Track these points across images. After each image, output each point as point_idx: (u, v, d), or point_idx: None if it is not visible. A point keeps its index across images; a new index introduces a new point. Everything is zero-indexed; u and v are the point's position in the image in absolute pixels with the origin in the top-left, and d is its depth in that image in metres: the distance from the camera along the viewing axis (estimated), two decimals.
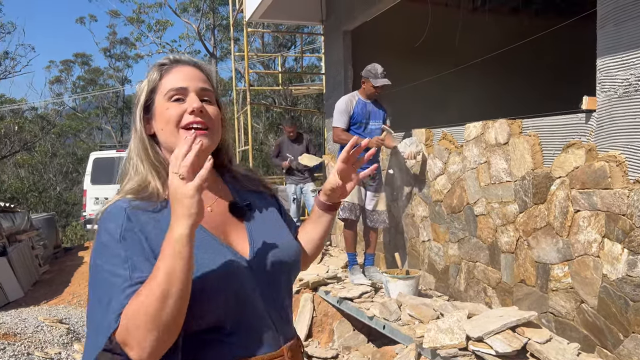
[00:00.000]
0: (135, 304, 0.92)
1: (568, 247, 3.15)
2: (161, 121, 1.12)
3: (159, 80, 1.14)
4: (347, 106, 4.45)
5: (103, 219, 1.06)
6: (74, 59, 32.02)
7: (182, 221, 0.93)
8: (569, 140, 3.14)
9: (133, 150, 1.15)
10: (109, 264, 0.99)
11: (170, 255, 0.92)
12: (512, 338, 2.64)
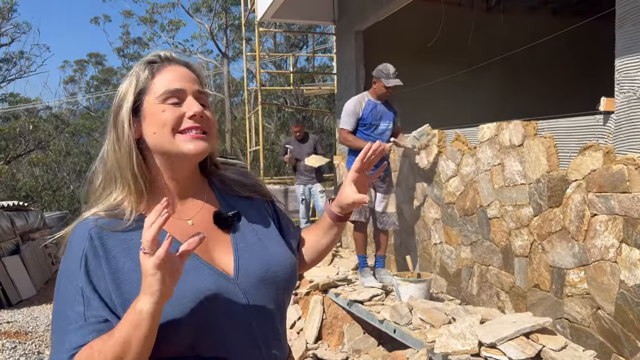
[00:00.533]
0: (90, 353, 0.89)
1: (584, 252, 3.07)
2: (154, 124, 1.03)
3: (151, 79, 1.04)
4: (356, 108, 4.39)
5: (69, 240, 1.00)
6: (88, 58, 32.37)
7: (146, 297, 0.86)
8: (586, 143, 3.07)
9: (111, 158, 1.04)
10: (66, 294, 0.96)
11: (130, 324, 0.86)
12: (526, 345, 2.58)
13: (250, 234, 1.12)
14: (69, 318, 0.93)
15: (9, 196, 22.26)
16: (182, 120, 1.03)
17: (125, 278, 0.95)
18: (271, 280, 1.07)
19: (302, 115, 21.72)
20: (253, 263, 1.07)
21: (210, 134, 1.06)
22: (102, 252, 0.96)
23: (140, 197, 1.03)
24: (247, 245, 1.09)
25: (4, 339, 4.46)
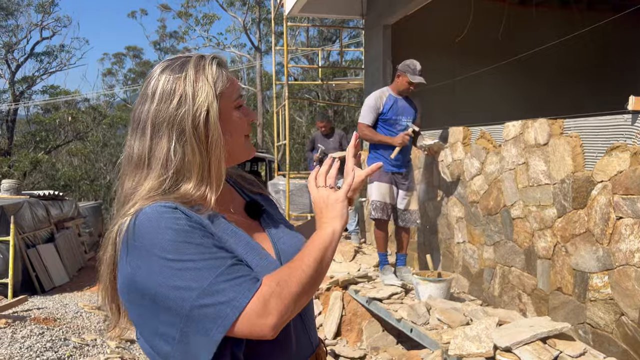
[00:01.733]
0: (285, 275, 0.92)
1: (608, 256, 2.97)
2: (231, 129, 1.05)
3: (228, 84, 1.04)
4: (377, 102, 4.34)
5: (149, 222, 0.91)
6: (126, 51, 33.01)
7: (335, 221, 1.03)
8: (613, 143, 2.96)
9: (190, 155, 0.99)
10: (189, 253, 0.88)
11: (322, 245, 0.99)
12: (542, 350, 2.52)
13: (275, 223, 1.18)
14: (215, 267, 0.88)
15: (49, 185, 23.02)
16: (247, 126, 1.10)
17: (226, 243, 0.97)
18: None
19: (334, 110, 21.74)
20: (289, 248, 1.12)
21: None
22: (199, 225, 0.93)
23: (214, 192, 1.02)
24: (278, 233, 1.15)
25: (32, 325, 4.63)
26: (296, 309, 0.93)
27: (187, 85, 1.01)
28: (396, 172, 4.46)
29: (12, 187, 8.75)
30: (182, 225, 0.91)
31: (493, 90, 6.45)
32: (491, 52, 6.06)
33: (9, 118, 24.14)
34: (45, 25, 25.10)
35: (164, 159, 1.00)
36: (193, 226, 0.92)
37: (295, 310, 0.93)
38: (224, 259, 0.90)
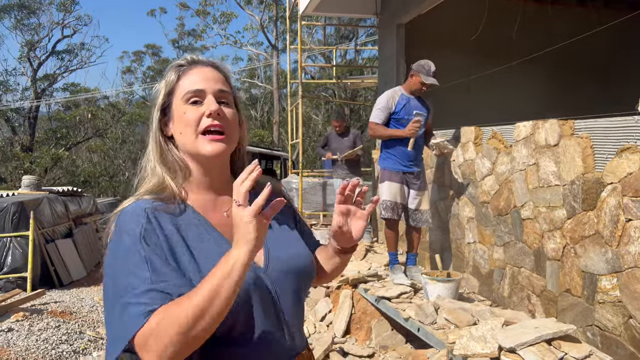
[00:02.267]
0: (166, 316, 0.91)
1: (617, 258, 2.95)
2: (180, 125, 1.11)
3: (176, 81, 1.12)
4: (389, 102, 4.35)
5: (122, 219, 1.04)
6: (145, 49, 33.42)
7: (240, 246, 0.92)
8: (623, 144, 2.94)
9: (151, 152, 1.14)
10: (129, 263, 0.97)
11: (221, 275, 0.91)
12: (546, 352, 2.51)
13: (277, 230, 1.19)
14: (133, 285, 0.94)
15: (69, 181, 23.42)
16: (202, 119, 1.08)
17: (181, 253, 1.02)
18: (296, 272, 1.15)
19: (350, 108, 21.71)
20: (280, 256, 1.14)
21: (229, 135, 1.11)
22: (159, 229, 1.02)
23: (179, 187, 1.10)
24: (275, 240, 1.16)
25: (49, 318, 4.74)
26: (187, 343, 0.91)
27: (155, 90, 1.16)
28: (407, 171, 4.46)
29: (32, 183, 8.94)
30: (133, 233, 1.00)
31: (508, 89, 6.40)
32: (506, 51, 6.02)
33: (31, 115, 24.63)
34: (67, 24, 25.56)
35: (147, 157, 1.13)
36: (140, 234, 1.00)
37: (185, 344, 0.91)
38: (145, 281, 0.95)
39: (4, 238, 7.12)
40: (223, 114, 1.10)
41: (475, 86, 6.20)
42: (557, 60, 5.86)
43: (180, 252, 1.02)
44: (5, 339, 4.18)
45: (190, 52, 32.54)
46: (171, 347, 0.90)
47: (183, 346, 0.91)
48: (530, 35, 6.22)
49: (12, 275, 6.83)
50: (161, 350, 0.90)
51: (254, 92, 31.63)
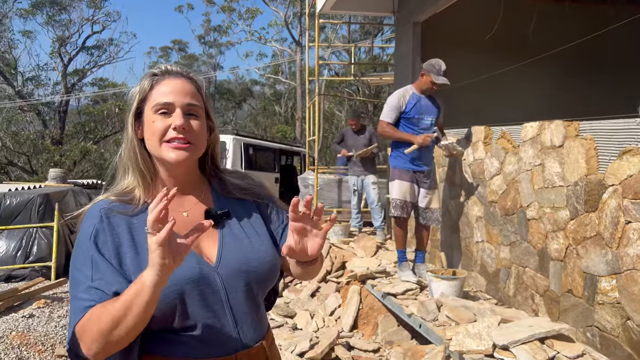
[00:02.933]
0: (94, 315, 1.03)
1: (617, 260, 2.96)
2: (148, 132, 1.19)
3: (149, 90, 1.20)
4: (399, 101, 4.38)
5: (84, 217, 1.18)
6: (172, 45, 33.89)
7: (150, 269, 0.99)
8: (625, 146, 2.94)
9: (124, 152, 1.22)
10: (79, 260, 1.12)
11: (134, 292, 1.00)
12: (538, 350, 2.55)
13: (238, 230, 1.25)
14: (79, 281, 1.09)
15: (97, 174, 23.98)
16: (168, 130, 1.17)
17: (125, 252, 1.13)
18: (247, 271, 1.20)
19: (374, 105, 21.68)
20: (234, 255, 1.20)
21: (195, 144, 1.19)
22: (109, 229, 1.14)
23: (147, 187, 1.21)
24: (233, 240, 1.23)
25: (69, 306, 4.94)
26: (109, 343, 1.02)
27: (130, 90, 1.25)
28: (418, 170, 4.50)
29: (59, 175, 9.23)
30: (87, 231, 1.14)
31: (524, 87, 6.37)
32: (521, 50, 5.99)
33: (61, 109, 25.26)
34: (96, 20, 26.10)
35: (120, 157, 1.23)
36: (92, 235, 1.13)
37: (106, 344, 1.02)
38: (87, 278, 1.08)
39: (31, 228, 7.40)
40: (189, 127, 1.17)
41: (491, 85, 6.17)
42: (574, 59, 5.80)
43: (124, 252, 1.12)
44: (26, 324, 4.39)
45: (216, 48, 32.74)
46: (95, 344, 1.03)
47: (105, 346, 1.03)
48: (547, 34, 6.17)
49: (37, 264, 7.09)
50: (88, 345, 1.04)
51: (278, 88, 31.83)
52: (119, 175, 1.24)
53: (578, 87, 6.46)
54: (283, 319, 4.94)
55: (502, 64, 5.82)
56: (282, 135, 24.21)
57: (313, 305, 5.21)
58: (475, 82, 5.90)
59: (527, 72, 5.86)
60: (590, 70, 6.49)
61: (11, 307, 4.96)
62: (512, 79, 6.05)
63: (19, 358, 3.78)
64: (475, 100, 6.30)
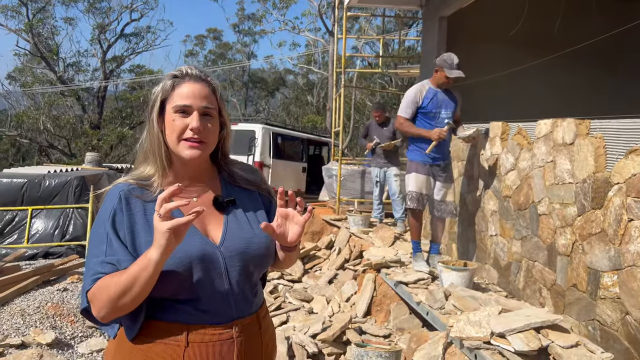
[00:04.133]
0: (103, 284, 1.22)
1: (619, 256, 3.04)
2: (168, 128, 1.36)
3: (170, 90, 1.36)
4: (416, 96, 4.48)
5: (106, 197, 1.36)
6: (207, 33, 34.37)
7: (155, 248, 1.17)
8: (632, 146, 3.00)
9: (146, 142, 1.38)
10: (96, 235, 1.31)
11: (140, 266, 1.18)
12: (533, 338, 2.67)
13: (242, 217, 1.44)
14: (94, 254, 1.28)
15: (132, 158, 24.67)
16: (186, 129, 1.35)
17: (139, 232, 1.31)
18: (248, 254, 1.39)
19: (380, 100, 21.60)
20: (236, 238, 1.39)
21: (208, 142, 1.37)
22: (126, 210, 1.32)
23: (164, 174, 1.39)
24: (236, 225, 1.41)
25: None
26: (118, 307, 1.21)
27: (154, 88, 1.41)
28: (434, 164, 4.61)
29: (95, 159, 9.65)
30: (107, 210, 1.32)
31: (549, 83, 6.36)
32: (546, 45, 5.98)
33: (100, 94, 26.05)
34: (135, 8, 26.72)
35: (141, 146, 1.40)
36: (111, 214, 1.31)
37: (114, 309, 1.21)
38: (102, 253, 1.27)
39: (67, 209, 7.80)
40: (204, 127, 1.34)
41: (517, 79, 6.19)
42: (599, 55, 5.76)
43: (138, 231, 1.30)
44: (60, 297, 4.72)
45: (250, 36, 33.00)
46: (104, 309, 1.22)
47: (113, 310, 1.22)
48: (572, 29, 6.13)
49: (72, 243, 7.49)
50: (98, 309, 1.23)
51: (311, 78, 31.96)
52: (139, 161, 1.41)
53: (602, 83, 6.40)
54: (300, 303, 5.14)
55: (527, 59, 5.83)
56: (312, 125, 24.38)
57: (330, 291, 5.39)
58: (500, 76, 5.93)
59: (552, 67, 5.86)
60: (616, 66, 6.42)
61: (47, 281, 5.31)
62: (537, 74, 6.05)
63: (53, 327, 4.10)
64: (500, 95, 6.33)
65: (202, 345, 1.29)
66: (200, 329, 1.30)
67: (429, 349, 3.18)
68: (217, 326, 1.32)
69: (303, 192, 12.70)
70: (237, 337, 1.33)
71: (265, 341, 1.43)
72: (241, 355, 1.34)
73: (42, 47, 25.06)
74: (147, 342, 1.29)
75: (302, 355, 3.86)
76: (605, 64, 6.37)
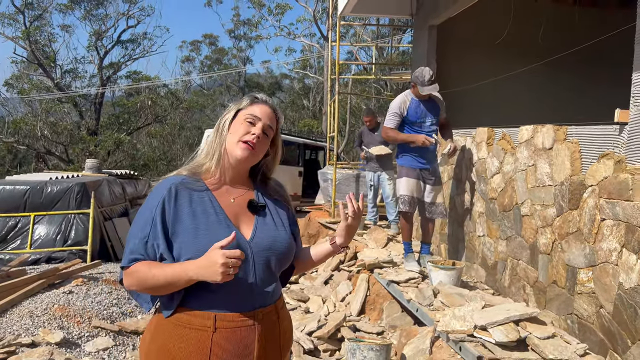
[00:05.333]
0: (142, 270, 1.46)
1: (593, 254, 3.25)
2: (234, 129, 1.61)
3: (248, 105, 1.65)
4: (401, 107, 4.70)
5: (158, 186, 1.58)
6: (203, 39, 34.58)
7: (195, 271, 1.40)
8: (604, 150, 3.22)
9: (213, 140, 1.63)
10: (142, 218, 1.52)
11: (177, 274, 1.42)
12: (512, 330, 2.88)
13: (270, 219, 1.67)
14: (138, 233, 1.49)
15: (129, 164, 24.82)
16: (248, 134, 1.60)
17: (184, 219, 1.52)
18: (273, 250, 1.61)
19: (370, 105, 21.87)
20: (265, 236, 1.61)
21: (257, 152, 1.61)
22: (174, 202, 1.53)
23: (216, 170, 1.62)
24: (264, 225, 1.64)
25: (103, 285, 5.46)
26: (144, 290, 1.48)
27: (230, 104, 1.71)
28: (424, 168, 4.83)
29: (94, 166, 9.83)
30: (157, 198, 1.53)
31: (534, 90, 6.59)
32: (532, 53, 6.21)
33: (97, 101, 26.23)
34: (131, 14, 26.94)
35: (208, 143, 1.66)
36: (160, 201, 1.52)
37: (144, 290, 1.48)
38: (145, 235, 1.49)
39: (69, 215, 7.99)
40: (261, 138, 1.60)
41: (503, 86, 6.42)
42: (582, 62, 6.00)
43: (183, 218, 1.52)
44: (66, 299, 4.91)
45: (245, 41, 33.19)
46: (134, 287, 1.50)
47: (142, 291, 1.50)
48: (555, 38, 6.37)
49: (74, 248, 7.68)
50: (129, 284, 1.49)
51: (307, 82, 32.21)
52: (202, 155, 1.65)
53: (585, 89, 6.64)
54: (297, 303, 5.34)
55: (513, 67, 6.06)
56: (308, 130, 24.60)
57: (325, 292, 5.59)
58: (487, 83, 6.16)
59: (537, 74, 6.09)
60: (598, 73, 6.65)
61: (52, 284, 5.50)
62: (523, 81, 6.28)
63: (60, 327, 4.29)
64: (487, 101, 6.56)
65: (227, 330, 1.49)
66: (227, 315, 1.50)
67: (417, 342, 3.38)
68: (242, 314, 1.52)
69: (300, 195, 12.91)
70: (258, 324, 1.54)
71: (283, 329, 1.63)
72: (261, 340, 1.53)
73: (39, 54, 25.23)
74: (178, 327, 1.50)
75: (298, 351, 4.06)
76: (587, 72, 6.60)
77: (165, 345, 1.49)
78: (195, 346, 1.47)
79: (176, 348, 1.48)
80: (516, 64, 6.05)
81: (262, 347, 1.53)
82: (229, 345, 1.48)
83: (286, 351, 1.66)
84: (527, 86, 6.51)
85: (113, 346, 4.23)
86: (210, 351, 1.47)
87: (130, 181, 10.16)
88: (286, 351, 1.66)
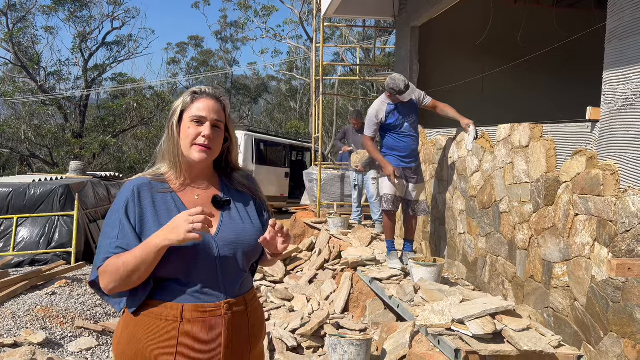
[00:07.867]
0: (113, 262, 1.48)
1: (567, 248, 3.34)
2: (183, 134, 1.62)
3: (190, 103, 1.63)
4: (378, 114, 4.76)
5: (122, 189, 1.63)
6: (189, 41, 34.46)
7: (162, 237, 1.44)
8: (577, 147, 3.31)
9: (165, 144, 1.64)
10: (110, 221, 1.57)
11: (145, 250, 1.45)
12: (488, 323, 2.94)
13: (235, 214, 1.70)
14: (108, 236, 1.53)
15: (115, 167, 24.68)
16: (198, 136, 1.62)
17: (148, 219, 1.56)
18: (239, 243, 1.64)
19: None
20: (229, 230, 1.64)
21: (213, 149, 1.64)
22: (137, 202, 1.58)
23: (177, 174, 1.65)
24: (230, 220, 1.67)
25: (87, 286, 5.44)
26: (122, 282, 1.48)
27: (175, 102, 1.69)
28: (407, 167, 4.90)
29: (79, 168, 9.78)
30: (121, 200, 1.58)
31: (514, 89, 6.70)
32: (511, 54, 6.32)
33: (82, 103, 26.03)
34: (116, 16, 26.80)
35: (160, 147, 1.68)
36: (124, 203, 1.57)
37: (120, 283, 1.48)
38: (114, 236, 1.53)
39: (53, 217, 7.94)
40: (213, 136, 1.61)
41: (483, 85, 6.53)
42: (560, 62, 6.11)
43: (147, 219, 1.56)
44: (49, 300, 4.90)
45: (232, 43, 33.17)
46: (112, 284, 1.50)
47: (119, 284, 1.49)
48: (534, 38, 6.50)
49: (58, 250, 7.63)
50: (106, 283, 1.51)
51: (294, 84, 32.25)
52: (158, 160, 1.68)
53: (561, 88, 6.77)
54: (281, 302, 5.37)
55: (493, 67, 6.17)
56: (295, 131, 24.64)
57: (310, 291, 5.63)
58: (468, 83, 6.25)
59: (516, 74, 6.20)
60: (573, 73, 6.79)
61: (35, 286, 5.47)
62: (502, 81, 6.39)
63: (43, 328, 4.29)
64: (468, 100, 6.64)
65: (194, 320, 1.53)
66: (194, 306, 1.54)
67: (397, 337, 3.44)
68: (209, 305, 1.56)
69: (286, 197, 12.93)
70: (225, 315, 1.58)
71: (252, 321, 1.67)
72: (228, 330, 1.57)
73: (23, 56, 25.00)
74: (148, 318, 1.54)
75: (282, 348, 4.10)
76: (564, 71, 6.73)
77: (135, 334, 1.54)
78: (164, 335, 1.52)
79: (145, 337, 1.53)
80: (496, 64, 6.15)
81: (230, 338, 1.57)
82: (196, 335, 1.53)
83: (256, 342, 1.69)
84: (507, 85, 6.62)
85: (96, 346, 4.23)
86: (178, 340, 1.52)
87: (114, 183, 10.12)
88: (256, 342, 1.69)
